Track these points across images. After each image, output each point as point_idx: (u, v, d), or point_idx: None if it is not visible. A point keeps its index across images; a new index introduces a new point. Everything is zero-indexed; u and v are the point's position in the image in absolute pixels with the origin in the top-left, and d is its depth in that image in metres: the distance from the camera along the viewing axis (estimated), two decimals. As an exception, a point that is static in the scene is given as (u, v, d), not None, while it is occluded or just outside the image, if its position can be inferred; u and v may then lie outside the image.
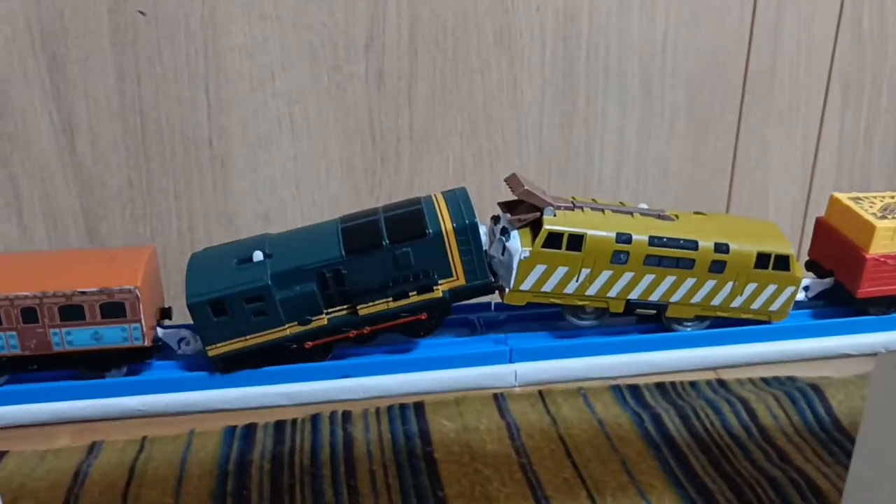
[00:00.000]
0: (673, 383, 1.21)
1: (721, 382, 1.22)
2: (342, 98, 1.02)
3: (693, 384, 1.21)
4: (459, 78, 1.03)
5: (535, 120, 1.07)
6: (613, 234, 0.66)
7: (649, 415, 1.13)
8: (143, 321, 0.62)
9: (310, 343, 0.65)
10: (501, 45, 1.03)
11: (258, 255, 0.64)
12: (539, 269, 0.66)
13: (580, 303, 0.68)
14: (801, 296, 0.76)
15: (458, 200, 0.66)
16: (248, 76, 0.99)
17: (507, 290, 0.67)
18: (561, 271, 0.66)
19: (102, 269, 0.63)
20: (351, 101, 1.02)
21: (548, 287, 0.67)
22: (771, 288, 0.70)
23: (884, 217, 0.72)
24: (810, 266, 0.79)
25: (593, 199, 0.71)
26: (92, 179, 1.01)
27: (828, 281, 0.76)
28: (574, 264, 0.66)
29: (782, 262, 0.69)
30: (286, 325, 0.64)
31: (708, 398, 1.17)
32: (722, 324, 0.71)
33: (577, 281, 0.67)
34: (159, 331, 0.66)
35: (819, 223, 0.79)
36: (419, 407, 1.16)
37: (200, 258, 0.67)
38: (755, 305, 0.71)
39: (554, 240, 0.65)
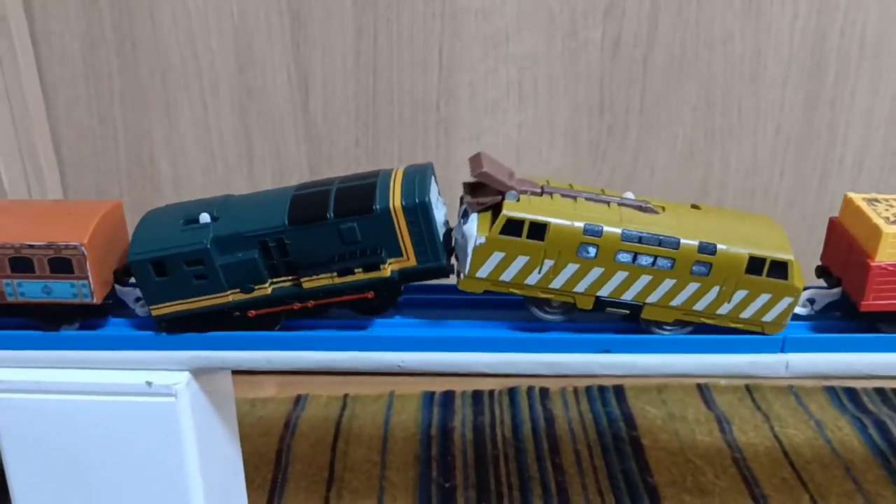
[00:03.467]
0: (895, 389, 1.12)
1: (951, 394, 1.12)
2: (574, 65, 0.98)
3: (917, 392, 1.12)
4: (700, 48, 0.98)
5: (777, 97, 1.00)
6: (581, 225, 0.60)
7: (872, 421, 1.05)
8: (90, 278, 0.62)
9: (253, 312, 0.63)
10: (749, 16, 0.96)
11: (205, 217, 0.63)
12: (497, 256, 0.61)
13: (543, 295, 0.62)
14: (804, 310, 0.67)
15: (416, 177, 0.62)
16: (482, 39, 0.97)
17: (462, 275, 0.62)
18: (521, 261, 0.61)
19: (56, 223, 0.63)
20: (583, 69, 0.99)
21: (507, 276, 0.62)
22: (764, 297, 0.62)
23: None
24: (821, 273, 0.70)
25: (570, 185, 0.65)
26: (321, 137, 1.02)
27: (835, 291, 0.67)
28: (536, 254, 0.61)
29: (779, 269, 0.61)
30: (228, 292, 0.63)
31: (937, 409, 1.08)
32: (708, 330, 0.64)
33: (539, 272, 0.61)
34: (118, 288, 0.66)
35: (832, 224, 0.70)
36: (619, 390, 1.12)
37: (153, 215, 0.66)
38: (745, 314, 0.62)
39: (513, 227, 0.60)
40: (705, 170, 1.03)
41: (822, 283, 0.69)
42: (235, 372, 0.72)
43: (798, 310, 0.66)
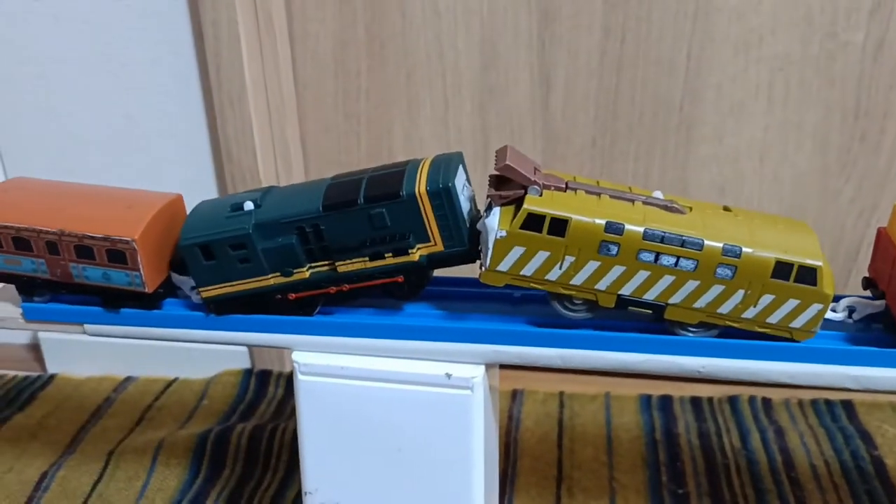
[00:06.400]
0: None
1: None
2: (830, 67, 0.95)
3: None
4: (972, 51, 0.92)
5: None
6: (603, 223, 0.59)
7: None
8: (142, 270, 0.67)
9: (293, 295, 0.67)
10: None
11: (249, 205, 0.66)
12: (517, 250, 0.61)
13: (565, 292, 0.62)
14: (839, 316, 0.65)
15: (443, 164, 0.63)
16: (734, 39, 0.95)
17: (483, 268, 0.62)
18: (542, 256, 0.60)
19: (116, 214, 0.68)
20: (839, 72, 0.95)
21: (528, 271, 0.61)
22: (792, 302, 0.60)
23: None
24: (867, 284, 0.66)
25: (597, 182, 0.63)
26: (557, 135, 1.03)
27: (879, 303, 0.63)
28: (556, 250, 0.60)
29: (807, 275, 0.59)
30: (270, 275, 0.66)
31: None
32: (735, 333, 0.63)
33: (560, 268, 0.60)
34: (174, 276, 0.70)
35: (880, 234, 0.66)
36: (848, 406, 1.08)
37: (204, 205, 0.70)
38: (772, 319, 0.61)
39: (534, 222, 0.60)
40: (964, 179, 0.97)
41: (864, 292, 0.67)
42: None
43: (833, 316, 0.64)
